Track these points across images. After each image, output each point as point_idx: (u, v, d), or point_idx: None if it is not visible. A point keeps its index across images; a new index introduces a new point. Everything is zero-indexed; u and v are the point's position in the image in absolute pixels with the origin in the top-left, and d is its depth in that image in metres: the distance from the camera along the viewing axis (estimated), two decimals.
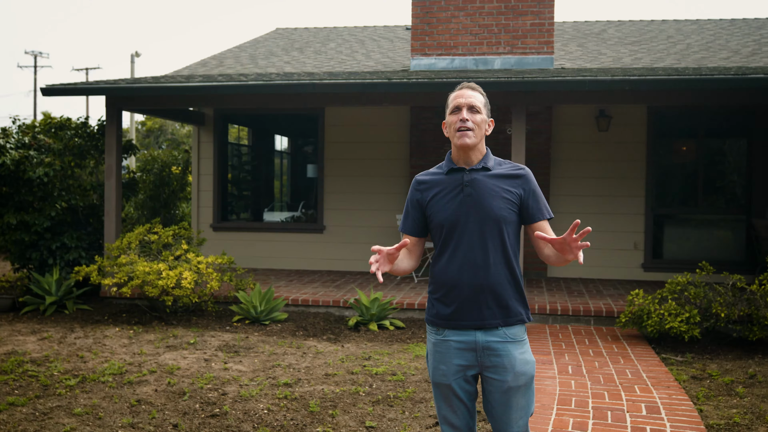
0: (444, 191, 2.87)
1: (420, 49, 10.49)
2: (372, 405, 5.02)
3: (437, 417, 3.03)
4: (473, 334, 2.81)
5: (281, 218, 11.93)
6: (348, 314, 8.23)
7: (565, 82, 7.44)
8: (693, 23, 14.02)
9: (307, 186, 11.73)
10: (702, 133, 10.39)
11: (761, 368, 6.14)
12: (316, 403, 4.99)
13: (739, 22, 13.86)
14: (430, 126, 10.65)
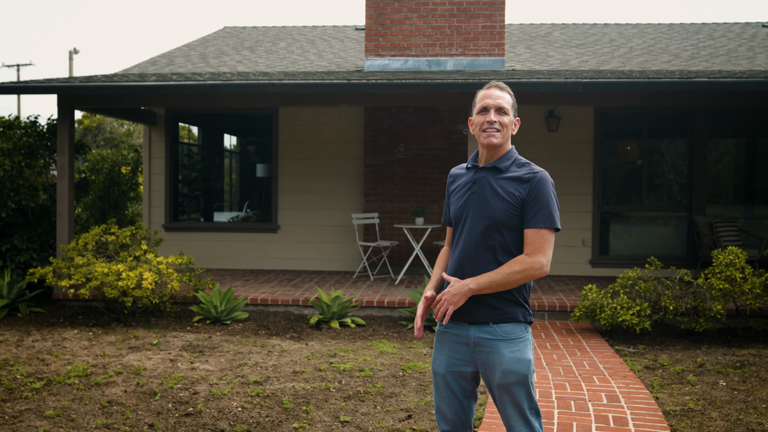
0: (460, 186, 2.97)
1: (374, 50, 10.60)
2: (344, 400, 5.11)
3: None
4: (467, 328, 2.89)
5: (230, 218, 11.90)
6: (308, 313, 8.29)
7: (522, 84, 7.66)
8: (633, 27, 14.51)
9: (259, 185, 11.72)
10: (646, 133, 10.79)
11: (708, 357, 6.46)
12: (289, 399, 5.06)
13: (676, 27, 14.40)
14: (384, 126, 10.78)
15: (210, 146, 12.37)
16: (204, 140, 12.48)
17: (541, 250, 2.79)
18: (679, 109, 10.59)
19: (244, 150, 12.36)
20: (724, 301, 6.97)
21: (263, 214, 11.51)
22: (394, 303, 8.30)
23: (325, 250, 10.98)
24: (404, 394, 5.28)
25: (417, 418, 4.80)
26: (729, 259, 7.05)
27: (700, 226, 10.12)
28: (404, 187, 10.79)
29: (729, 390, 5.50)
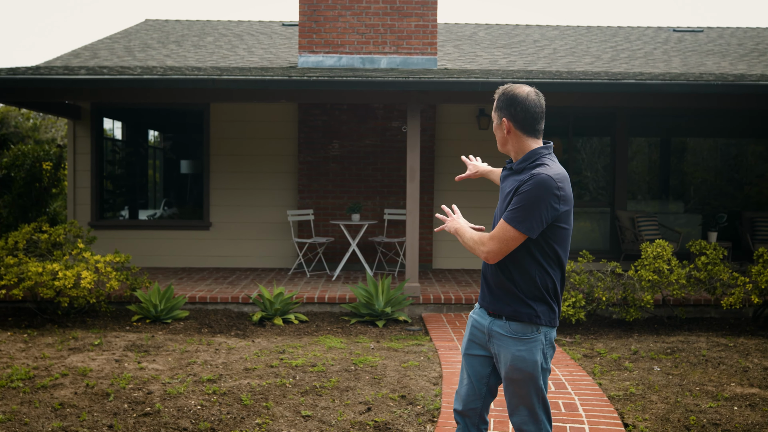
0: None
1: (308, 47, 10.60)
2: (301, 395, 5.15)
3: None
4: (487, 318, 3.01)
5: (148, 215, 11.65)
6: (248, 310, 8.24)
7: (460, 83, 7.84)
8: (554, 29, 15.01)
9: (189, 182, 11.53)
10: (571, 131, 11.22)
11: (641, 345, 6.81)
12: (248, 396, 5.05)
13: (594, 30, 14.99)
14: (318, 123, 10.80)
15: (137, 142, 12.07)
16: (131, 136, 12.16)
17: (495, 238, 2.83)
18: (603, 109, 11.05)
19: (174, 146, 12.13)
20: (653, 291, 7.35)
21: (194, 211, 11.33)
22: (335, 299, 8.35)
23: (259, 247, 10.91)
24: (360, 388, 5.36)
25: (376, 410, 4.88)
26: (657, 252, 7.44)
27: (623, 220, 10.60)
28: (339, 183, 10.84)
29: (664, 375, 5.83)
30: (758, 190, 13.41)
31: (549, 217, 2.78)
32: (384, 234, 10.59)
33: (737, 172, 13.70)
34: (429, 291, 8.78)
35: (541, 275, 2.87)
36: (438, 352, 6.46)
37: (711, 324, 7.82)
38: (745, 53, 12.59)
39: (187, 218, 11.34)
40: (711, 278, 7.57)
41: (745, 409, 5.00)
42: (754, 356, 6.41)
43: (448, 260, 10.92)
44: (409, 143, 8.36)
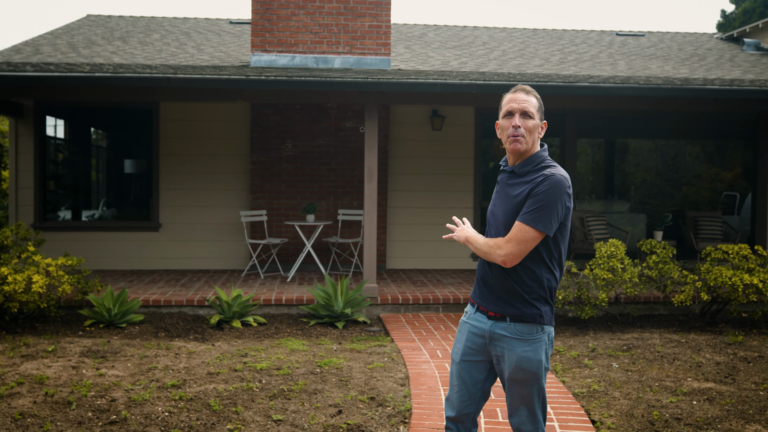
0: (496, 188, 3.09)
1: (260, 46, 10.47)
2: (270, 399, 5.09)
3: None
4: (486, 321, 3.01)
5: (87, 216, 11.35)
6: (204, 313, 8.11)
7: (419, 84, 7.88)
8: (501, 31, 15.21)
9: (136, 182, 11.26)
10: None
11: (598, 342, 6.97)
12: (216, 401, 4.97)
13: (540, 32, 15.25)
14: (271, 122, 10.69)
15: (82, 141, 11.73)
16: (75, 135, 11.81)
17: (512, 240, 2.85)
18: (553, 111, 11.24)
19: (121, 145, 11.82)
20: (607, 290, 7.53)
21: (142, 212, 11.07)
22: (293, 300, 8.28)
23: (211, 249, 10.74)
24: (328, 390, 5.33)
25: (347, 413, 4.86)
26: (611, 251, 7.62)
27: (572, 220, 10.82)
28: (292, 184, 10.75)
29: (623, 371, 5.97)
30: (695, 190, 13.88)
31: (561, 216, 2.86)
32: (338, 234, 10.56)
33: (675, 172, 14.15)
34: (386, 292, 8.79)
35: (548, 276, 2.92)
36: (401, 353, 6.48)
37: (661, 321, 8.05)
38: (686, 57, 13.00)
39: (135, 219, 11.07)
40: (662, 276, 7.79)
41: (704, 403, 5.17)
42: (706, 351, 6.63)
43: (401, 260, 10.96)
44: (367, 144, 8.35)
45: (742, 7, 33.43)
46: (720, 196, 13.46)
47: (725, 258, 7.79)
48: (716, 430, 4.64)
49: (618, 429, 4.63)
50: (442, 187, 11.03)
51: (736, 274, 7.35)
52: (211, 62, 10.83)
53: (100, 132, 11.87)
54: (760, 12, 31.97)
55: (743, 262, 7.61)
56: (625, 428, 4.65)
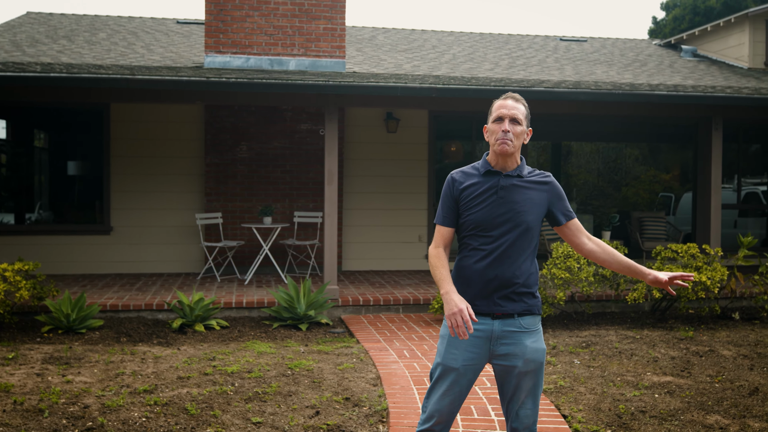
0: (479, 191, 3.10)
1: (214, 47, 10.39)
2: (246, 402, 5.09)
3: (428, 404, 3.15)
4: (491, 323, 3.07)
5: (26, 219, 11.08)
6: (163, 317, 8.01)
7: (380, 87, 7.96)
8: (450, 35, 15.43)
9: (87, 185, 11.01)
10: (475, 136, 11.59)
11: (558, 340, 7.17)
12: (192, 405, 4.94)
13: (487, 36, 15.54)
14: (226, 124, 10.61)
15: (26, 143, 11.41)
16: (19, 136, 11.48)
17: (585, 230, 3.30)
18: None
19: (69, 147, 11.54)
20: (565, 288, 7.76)
21: (92, 215, 10.83)
22: (253, 303, 8.26)
23: (165, 252, 10.59)
24: (302, 392, 5.36)
25: (325, 414, 4.91)
26: (567, 251, 7.85)
27: None
28: (247, 186, 10.70)
29: (585, 367, 6.18)
30: (635, 191, 14.36)
31: None
32: (294, 237, 10.56)
33: (616, 174, 14.62)
34: (346, 293, 8.85)
35: (537, 266, 3.18)
36: (369, 354, 6.54)
37: (614, 318, 8.34)
38: (629, 63, 13.45)
39: (85, 222, 10.83)
40: (615, 275, 8.07)
41: (665, 396, 5.40)
42: (660, 347, 6.91)
43: (357, 262, 11.02)
44: (327, 146, 8.39)
45: (672, 14, 34.69)
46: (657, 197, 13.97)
47: (675, 257, 8.11)
48: (680, 421, 4.86)
49: (588, 423, 4.80)
50: (396, 188, 11.14)
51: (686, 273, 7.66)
52: (163, 63, 10.70)
53: (45, 133, 11.56)
54: (689, 19, 33.23)
55: (691, 261, 7.94)
56: (595, 422, 4.82)
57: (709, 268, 7.87)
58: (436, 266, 3.14)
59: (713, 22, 14.79)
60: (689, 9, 33.63)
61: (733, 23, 13.59)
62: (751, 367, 6.24)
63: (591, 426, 4.74)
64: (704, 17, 32.68)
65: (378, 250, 11.09)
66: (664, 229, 11.36)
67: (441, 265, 3.14)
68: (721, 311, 8.34)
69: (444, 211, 3.18)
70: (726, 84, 11.28)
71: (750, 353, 6.72)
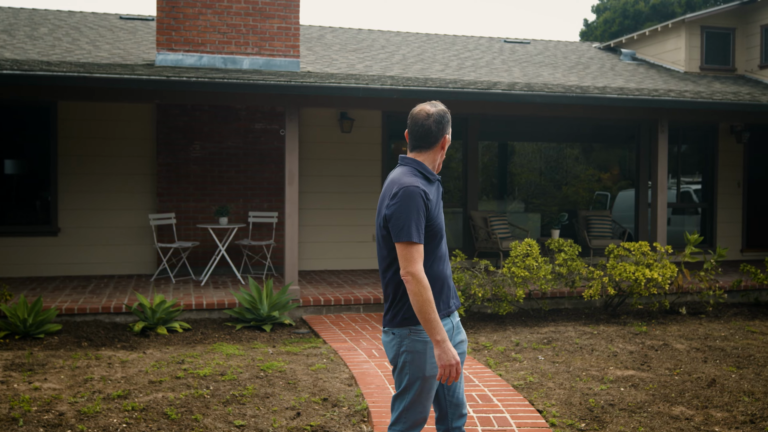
0: (437, 197, 3.20)
1: (166, 44, 10.22)
2: (224, 405, 5.07)
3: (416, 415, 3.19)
4: (449, 320, 3.22)
5: None
6: (120, 320, 7.86)
7: (341, 88, 7.99)
8: (397, 35, 15.54)
9: (31, 185, 10.66)
10: None
11: (519, 337, 7.36)
12: (171, 410, 4.89)
13: (434, 37, 15.71)
14: (179, 123, 10.45)
15: None
16: None
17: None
18: (456, 114, 11.66)
19: (13, 146, 11.13)
20: (524, 286, 7.96)
21: (37, 215, 10.50)
22: (214, 305, 8.18)
23: (116, 253, 10.36)
24: (279, 394, 5.37)
25: (306, 415, 4.93)
26: (526, 251, 8.05)
27: (476, 220, 11.28)
28: (200, 186, 10.56)
29: (551, 363, 6.37)
30: (575, 190, 14.77)
31: None
32: (249, 237, 10.48)
33: (557, 173, 15.01)
34: (306, 293, 8.85)
35: None
36: (338, 354, 6.58)
37: (569, 314, 8.59)
38: (572, 65, 13.82)
39: (31, 224, 10.49)
40: (570, 273, 8.32)
41: (630, 389, 5.62)
42: (618, 342, 7.17)
43: (313, 262, 11.01)
44: (288, 146, 8.37)
45: (602, 17, 35.71)
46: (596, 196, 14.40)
47: (627, 255, 8.41)
48: (648, 413, 5.07)
49: (563, 417, 4.97)
50: (351, 188, 11.18)
51: (638, 270, 7.97)
52: (112, 60, 10.46)
53: None
54: (619, 22, 34.28)
55: (643, 258, 8.25)
56: (569, 416, 4.99)
57: (659, 264, 8.19)
58: (430, 302, 2.97)
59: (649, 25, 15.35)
60: (619, 12, 34.68)
61: (671, 28, 14.12)
62: (705, 360, 6.54)
63: (566, 420, 4.90)
64: (633, 20, 33.78)
65: (334, 250, 11.12)
66: (609, 227, 11.74)
67: (434, 301, 3.02)
68: (670, 306, 8.69)
69: (421, 228, 3.01)
70: (666, 87, 11.73)
71: (701, 346, 7.04)
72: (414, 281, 2.96)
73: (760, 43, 13.46)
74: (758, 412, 5.11)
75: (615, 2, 35.26)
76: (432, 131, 3.17)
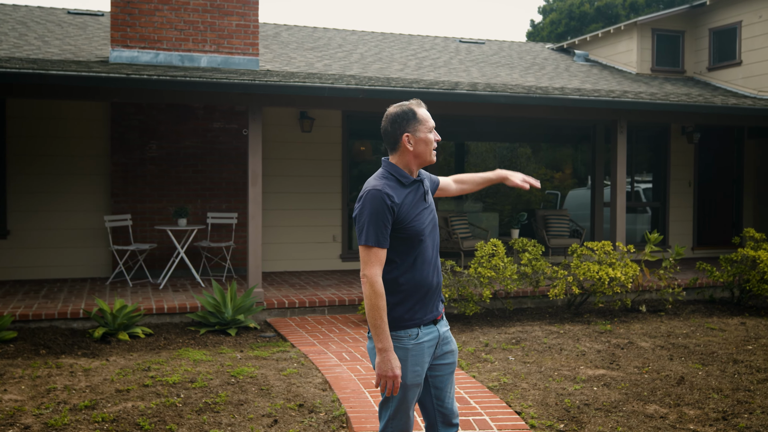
0: (414, 201, 3.09)
1: (121, 41, 9.93)
2: (198, 414, 4.93)
3: (400, 423, 3.14)
4: (435, 329, 3.15)
5: None
6: (78, 326, 7.60)
7: (306, 87, 7.88)
8: (352, 34, 15.45)
9: None
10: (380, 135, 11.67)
11: (488, 337, 7.37)
12: (143, 420, 4.73)
13: (389, 36, 15.67)
14: (134, 121, 10.17)
15: None
16: None
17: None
18: None
19: None
20: (491, 286, 7.98)
21: None
22: (175, 308, 7.98)
23: (69, 256, 10.03)
24: (253, 400, 5.25)
25: (283, 422, 4.83)
26: (492, 251, 8.07)
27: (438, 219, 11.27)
28: (157, 186, 10.30)
29: (522, 363, 6.39)
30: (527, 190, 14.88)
31: None
32: (208, 238, 10.27)
33: None
34: (269, 296, 8.71)
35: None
36: (309, 358, 6.48)
37: (533, 313, 8.65)
38: (528, 66, 13.95)
39: None
40: (535, 272, 8.37)
41: (603, 388, 5.67)
42: (585, 341, 7.24)
43: (274, 263, 10.86)
44: (251, 147, 8.23)
45: (549, 18, 36.29)
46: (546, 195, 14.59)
47: (590, 254, 8.51)
48: (623, 412, 5.12)
49: (541, 418, 4.97)
50: (311, 188, 11.06)
51: (602, 269, 8.07)
52: (64, 56, 10.13)
53: None
54: (565, 23, 34.89)
55: (605, 257, 8.36)
56: (547, 417, 5.00)
57: (621, 263, 8.31)
58: (381, 309, 2.92)
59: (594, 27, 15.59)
60: (565, 14, 35.26)
61: (623, 31, 14.38)
62: (671, 357, 6.65)
63: (545, 421, 4.90)
64: (579, 22, 34.41)
65: (294, 251, 10.98)
66: (567, 226, 11.88)
67: (385, 309, 2.95)
68: (631, 304, 8.83)
69: (384, 233, 2.95)
70: (621, 88, 11.93)
71: (665, 344, 7.16)
72: (367, 285, 2.93)
73: (709, 45, 13.80)
74: (729, 408, 5.20)
75: (561, 4, 35.86)
76: (389, 132, 3.14)
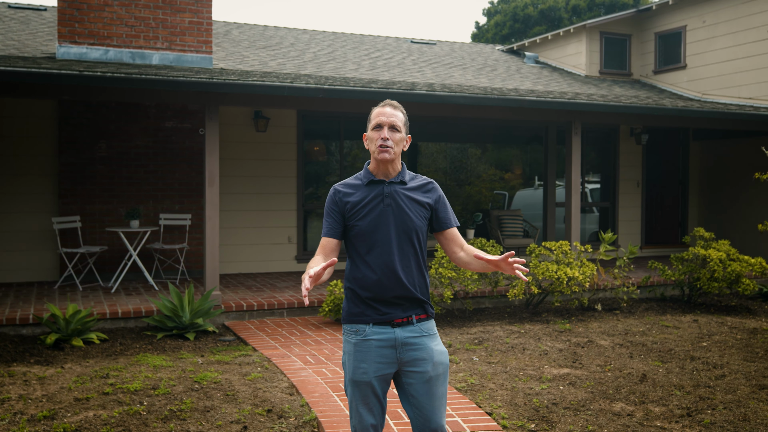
0: (364, 200, 3.09)
1: (69, 36, 9.62)
2: (164, 422, 4.78)
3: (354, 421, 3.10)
4: (392, 331, 3.05)
5: None
6: (27, 332, 7.32)
7: (266, 86, 7.76)
8: (304, 32, 15.32)
9: None
10: (343, 135, 11.60)
11: (450, 338, 7.37)
12: (108, 430, 4.56)
13: (341, 36, 15.60)
14: (83, 120, 9.87)
15: None
16: None
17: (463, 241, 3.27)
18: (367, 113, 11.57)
19: None
20: (451, 287, 7.99)
21: None
22: (130, 313, 7.76)
23: (12, 260, 9.65)
24: (220, 407, 5.12)
25: (253, 428, 4.73)
26: None
27: None
28: (107, 187, 10.01)
29: (487, 364, 6.40)
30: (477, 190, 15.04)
31: None
32: (161, 240, 10.02)
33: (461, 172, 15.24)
34: (226, 298, 8.55)
35: (427, 272, 3.21)
36: (272, 362, 6.37)
37: (492, 313, 8.69)
38: (480, 67, 14.05)
39: None
40: (495, 273, 8.41)
41: (569, 387, 5.72)
42: (546, 340, 7.30)
43: (228, 265, 10.67)
44: (208, 147, 8.05)
45: (493, 20, 36.70)
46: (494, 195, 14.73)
47: (548, 254, 8.60)
48: (591, 411, 5.17)
49: (512, 418, 4.98)
50: (266, 189, 10.91)
51: (560, 268, 8.17)
52: (7, 52, 9.76)
53: None
54: (510, 25, 35.35)
55: (563, 257, 8.46)
56: (517, 417, 5.01)
57: (578, 263, 8.42)
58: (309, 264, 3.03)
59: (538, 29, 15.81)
60: (509, 16, 35.72)
61: (572, 33, 14.61)
62: (631, 355, 6.77)
63: (516, 421, 4.92)
64: (523, 24, 34.93)
65: (249, 253, 10.81)
66: (521, 226, 12.00)
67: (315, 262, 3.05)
68: (588, 303, 8.96)
69: (329, 224, 3.13)
70: (572, 90, 12.12)
71: (624, 342, 7.28)
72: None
73: (655, 49, 14.14)
74: (692, 405, 5.31)
75: (506, 6, 36.31)
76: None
